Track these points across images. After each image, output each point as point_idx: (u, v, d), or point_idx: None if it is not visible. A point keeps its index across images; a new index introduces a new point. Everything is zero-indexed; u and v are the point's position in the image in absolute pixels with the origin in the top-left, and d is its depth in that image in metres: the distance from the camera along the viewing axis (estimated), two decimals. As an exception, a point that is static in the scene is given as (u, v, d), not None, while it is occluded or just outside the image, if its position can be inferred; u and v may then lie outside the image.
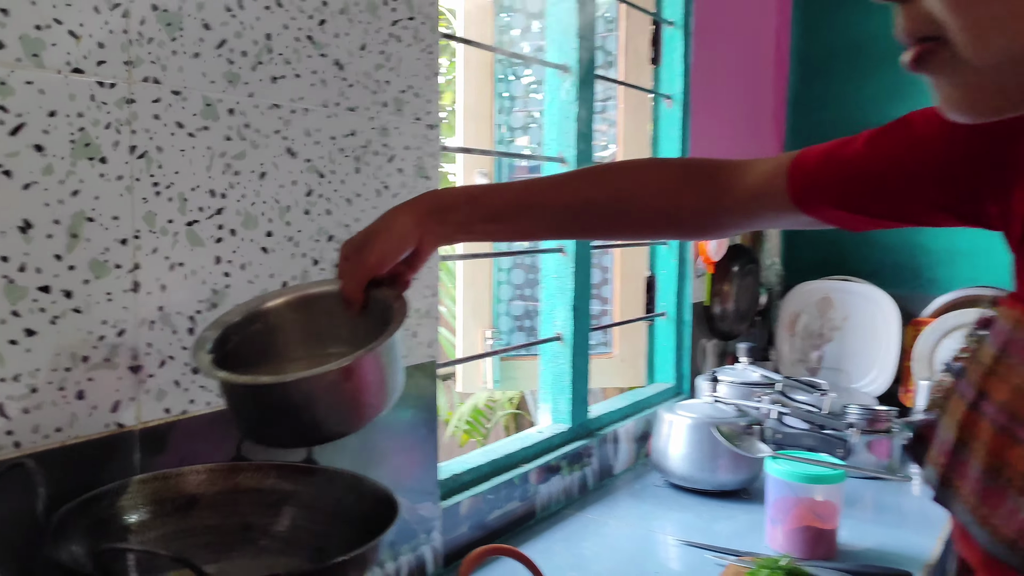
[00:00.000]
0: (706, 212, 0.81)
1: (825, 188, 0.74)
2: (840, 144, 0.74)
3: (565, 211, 0.83)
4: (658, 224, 0.85)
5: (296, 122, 0.97)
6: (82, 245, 0.77)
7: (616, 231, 0.89)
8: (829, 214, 0.75)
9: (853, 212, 0.74)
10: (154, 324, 0.84)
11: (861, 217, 0.74)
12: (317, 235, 1.00)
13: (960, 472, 0.53)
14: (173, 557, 0.58)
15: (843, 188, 0.73)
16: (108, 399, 0.80)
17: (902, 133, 0.70)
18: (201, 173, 0.87)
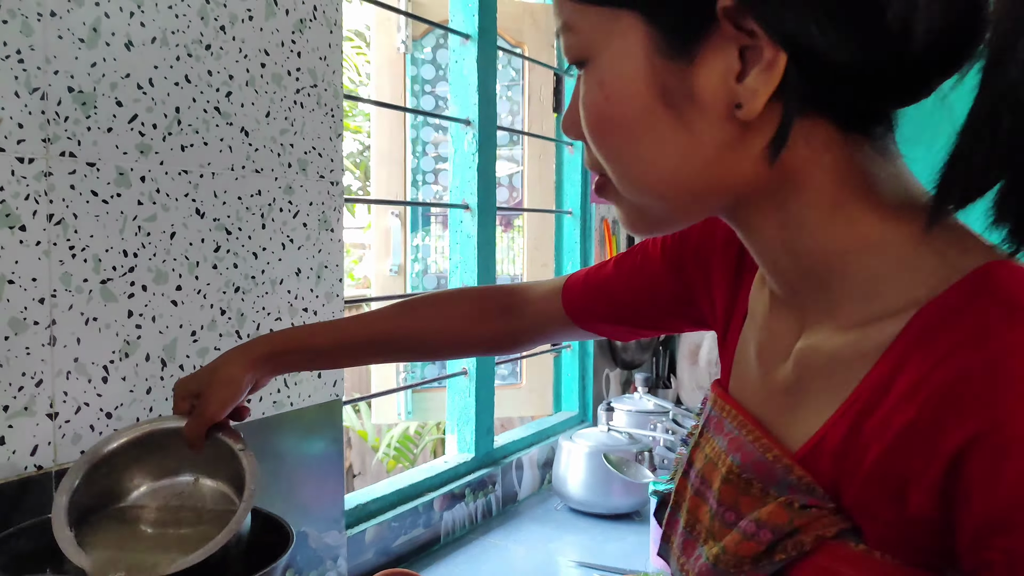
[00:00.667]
0: (502, 336, 0.92)
1: (591, 308, 0.85)
2: (597, 268, 0.86)
3: (381, 345, 0.92)
4: (460, 349, 0.96)
5: (204, 185, 1.06)
6: (2, 305, 0.85)
7: (427, 356, 1.03)
8: (600, 328, 0.86)
9: (617, 325, 0.85)
10: (70, 374, 0.92)
11: (624, 328, 0.85)
12: (224, 287, 1.09)
13: (673, 529, 0.65)
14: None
15: (603, 308, 0.84)
16: (27, 444, 0.88)
17: (638, 256, 0.82)
18: (115, 236, 0.96)
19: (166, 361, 1.02)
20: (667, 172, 0.52)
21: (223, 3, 1.07)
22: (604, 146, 0.54)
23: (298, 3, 1.19)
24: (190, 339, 1.05)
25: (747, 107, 0.48)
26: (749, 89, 0.48)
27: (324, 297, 1.26)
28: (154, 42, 0.99)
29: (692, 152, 0.51)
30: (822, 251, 0.52)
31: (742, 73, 0.48)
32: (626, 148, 0.52)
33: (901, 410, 0.45)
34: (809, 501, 0.51)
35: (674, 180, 0.52)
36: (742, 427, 0.58)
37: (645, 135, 0.51)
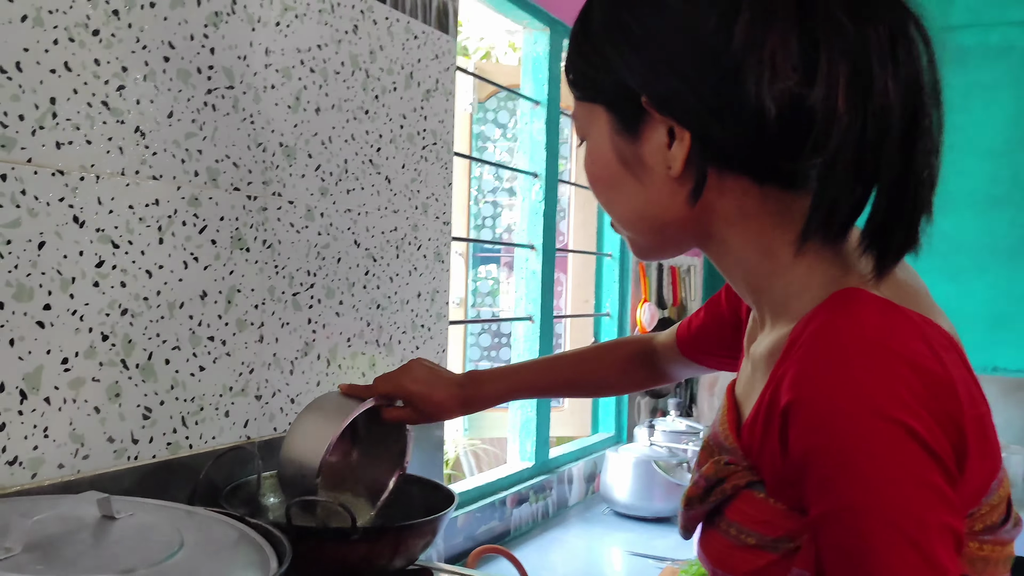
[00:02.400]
0: (646, 380, 1.18)
1: (696, 346, 1.07)
2: (695, 314, 1.07)
3: (559, 389, 1.22)
4: (619, 390, 1.28)
5: (360, 222, 1.32)
6: (232, 309, 1.10)
7: (595, 395, 1.39)
8: (707, 360, 1.07)
9: (715, 356, 1.05)
10: (270, 366, 1.16)
11: (721, 357, 1.04)
12: (370, 304, 1.35)
13: None
14: (341, 504, 0.91)
15: (703, 344, 1.06)
16: (242, 418, 1.12)
17: (715, 300, 1.03)
18: (303, 259, 1.21)
19: (330, 360, 1.28)
20: (635, 214, 0.73)
21: (378, 77, 1.35)
22: (599, 196, 0.76)
23: (426, 77, 1.46)
24: (346, 344, 1.31)
25: (673, 168, 0.67)
26: (673, 156, 0.67)
27: (435, 317, 1.51)
28: (332, 108, 1.26)
29: (647, 200, 0.71)
30: (754, 273, 0.70)
31: (669, 145, 0.67)
32: (609, 198, 0.74)
33: (772, 391, 0.62)
34: (730, 460, 0.68)
35: (641, 220, 0.73)
36: (723, 414, 0.74)
37: (617, 189, 0.72)
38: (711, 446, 0.73)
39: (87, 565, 0.68)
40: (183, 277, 1.04)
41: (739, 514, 0.67)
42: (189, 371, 1.05)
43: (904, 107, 0.60)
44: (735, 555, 0.67)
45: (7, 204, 0.86)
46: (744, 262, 0.71)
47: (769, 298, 0.70)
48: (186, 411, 1.05)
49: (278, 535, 0.80)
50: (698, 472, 0.72)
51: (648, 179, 0.70)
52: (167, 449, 1.02)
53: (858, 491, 0.56)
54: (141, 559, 0.70)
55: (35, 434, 0.88)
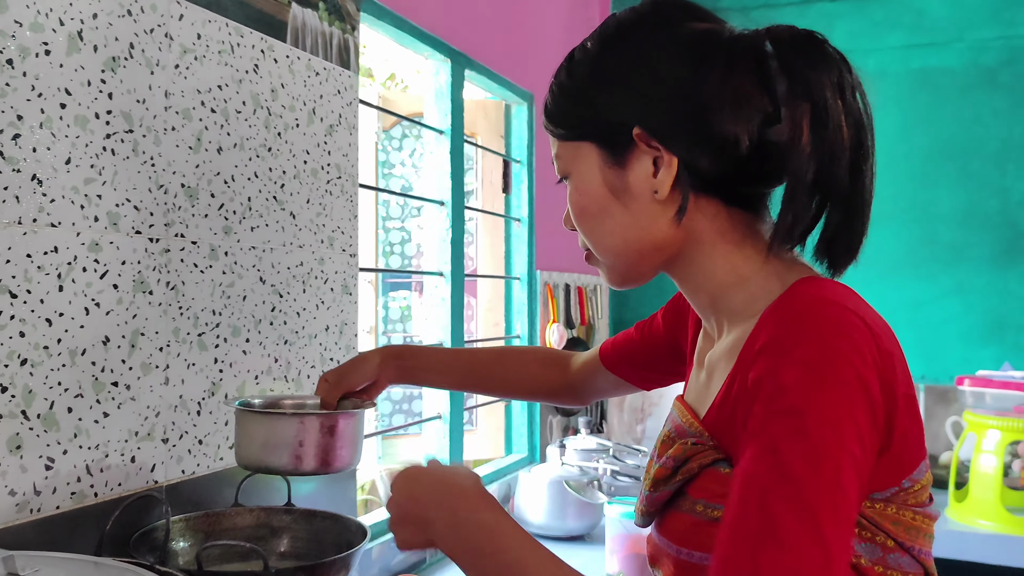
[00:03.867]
0: (560, 384, 1.22)
1: (620, 358, 1.14)
2: (624, 332, 1.15)
3: (482, 378, 1.24)
4: (530, 392, 1.28)
5: (265, 259, 1.33)
6: (136, 353, 1.09)
7: (509, 394, 1.30)
8: (628, 373, 1.14)
9: (640, 371, 1.13)
10: (176, 408, 1.16)
11: (644, 374, 1.14)
12: (277, 340, 1.35)
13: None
14: (252, 548, 0.92)
15: (629, 358, 1.13)
16: (148, 462, 1.11)
17: (650, 321, 1.11)
18: (207, 298, 1.21)
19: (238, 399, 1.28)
20: (622, 240, 0.81)
21: (280, 114, 1.36)
22: (584, 228, 0.84)
23: (328, 112, 1.48)
24: (254, 381, 1.31)
25: (660, 192, 0.78)
26: (660, 181, 0.77)
27: (344, 349, 1.53)
28: (235, 147, 1.27)
29: (633, 224, 0.80)
30: (716, 286, 0.81)
31: (655, 172, 0.77)
32: (597, 227, 0.83)
33: (741, 372, 0.71)
34: (697, 441, 0.77)
35: (626, 244, 0.81)
36: (680, 411, 0.84)
37: (606, 218, 0.82)
38: (672, 437, 0.81)
39: (-9, 627, 0.68)
40: (84, 324, 1.03)
41: (704, 491, 0.74)
42: (93, 418, 1.04)
43: (852, 138, 0.73)
44: (702, 530, 0.73)
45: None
46: (713, 278, 0.80)
47: (728, 308, 0.80)
48: (91, 459, 1.03)
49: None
50: (660, 459, 0.80)
51: (635, 205, 0.79)
52: (71, 499, 1.01)
53: (802, 399, 0.63)
54: (48, 617, 0.69)
55: (-69, 492, 0.86)
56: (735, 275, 0.79)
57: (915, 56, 2.84)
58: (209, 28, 1.22)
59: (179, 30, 1.17)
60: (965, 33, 2.81)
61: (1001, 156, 2.78)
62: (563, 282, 2.61)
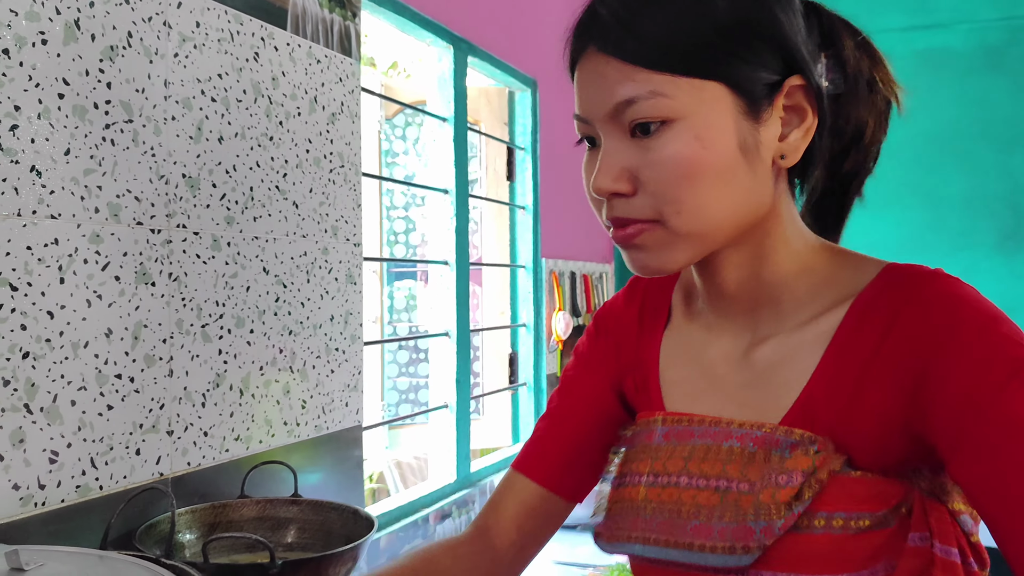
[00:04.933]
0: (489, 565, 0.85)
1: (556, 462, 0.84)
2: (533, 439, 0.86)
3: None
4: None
5: (269, 249, 1.32)
6: (140, 345, 1.08)
7: None
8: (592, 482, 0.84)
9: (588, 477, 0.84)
10: (181, 400, 1.15)
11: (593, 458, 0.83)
12: (282, 330, 1.35)
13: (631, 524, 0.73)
14: (257, 539, 0.91)
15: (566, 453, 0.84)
16: (153, 455, 1.10)
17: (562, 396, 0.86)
18: (210, 289, 1.20)
19: (243, 390, 1.27)
20: (732, 206, 0.67)
21: (281, 103, 1.35)
22: (688, 189, 0.65)
23: (330, 100, 1.47)
24: (259, 372, 1.30)
25: (789, 157, 0.69)
26: (792, 145, 0.68)
27: (350, 339, 1.52)
28: (236, 136, 1.26)
29: (751, 190, 0.67)
30: (780, 274, 0.72)
31: (783, 136, 0.68)
32: (709, 190, 0.66)
33: (878, 356, 0.64)
34: (818, 447, 0.65)
35: (733, 213, 0.68)
36: (717, 424, 0.70)
37: (729, 176, 0.66)
38: (751, 453, 0.67)
39: (-4, 622, 0.67)
40: (87, 316, 1.02)
41: (839, 502, 0.63)
42: (97, 411, 1.03)
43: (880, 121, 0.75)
44: (847, 547, 0.63)
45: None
46: (781, 262, 0.72)
47: (790, 297, 0.72)
48: (95, 452, 1.03)
49: (193, 574, 0.79)
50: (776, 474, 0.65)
51: (758, 167, 0.68)
52: (76, 492, 1.00)
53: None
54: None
55: (-66, 487, 0.86)
56: (799, 264, 0.72)
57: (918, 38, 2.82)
58: (208, 16, 1.21)
59: (177, 18, 1.15)
60: (969, 14, 2.79)
61: (1007, 139, 2.76)
62: (568, 270, 2.60)
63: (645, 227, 0.68)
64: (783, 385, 0.69)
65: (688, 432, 0.72)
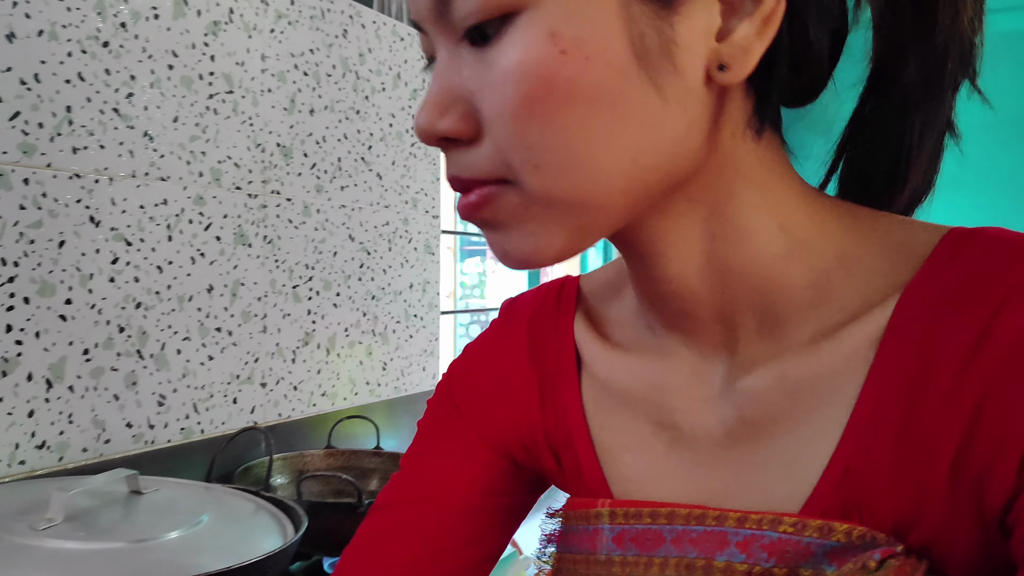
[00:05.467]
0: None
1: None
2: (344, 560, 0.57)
3: None
4: None
5: (354, 217, 1.39)
6: (238, 302, 1.16)
7: None
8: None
9: None
10: (274, 355, 1.23)
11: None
12: (365, 295, 1.42)
13: None
14: (348, 480, 0.98)
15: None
16: (248, 405, 1.18)
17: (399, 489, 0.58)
18: (305, 251, 1.28)
19: (329, 349, 1.34)
20: (628, 154, 0.39)
21: (367, 78, 1.41)
22: (545, 121, 0.38)
23: (412, 76, 1.53)
24: (344, 333, 1.37)
25: (735, 67, 0.39)
26: (738, 46, 0.39)
27: (427, 307, 1.58)
28: (325, 109, 1.33)
29: (662, 125, 0.39)
30: (762, 260, 0.43)
31: (723, 31, 0.39)
32: (582, 122, 0.38)
33: (962, 391, 0.37)
34: (883, 553, 0.38)
35: (633, 162, 0.39)
36: (701, 520, 0.44)
37: (611, 102, 0.38)
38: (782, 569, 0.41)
39: (122, 533, 0.75)
40: (191, 272, 1.10)
41: None
42: (199, 360, 1.11)
43: None
44: None
45: (30, 206, 0.92)
46: (743, 244, 0.43)
47: (784, 294, 0.43)
48: (197, 398, 1.11)
49: (292, 505, 0.86)
50: None
51: (674, 86, 0.39)
52: (180, 433, 1.09)
53: None
54: (170, 527, 0.76)
55: (60, 420, 0.95)
56: (792, 239, 0.43)
57: (1003, 20, 2.76)
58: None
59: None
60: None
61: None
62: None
63: (493, 191, 0.40)
64: (797, 437, 0.43)
65: (654, 536, 0.46)
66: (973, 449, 0.37)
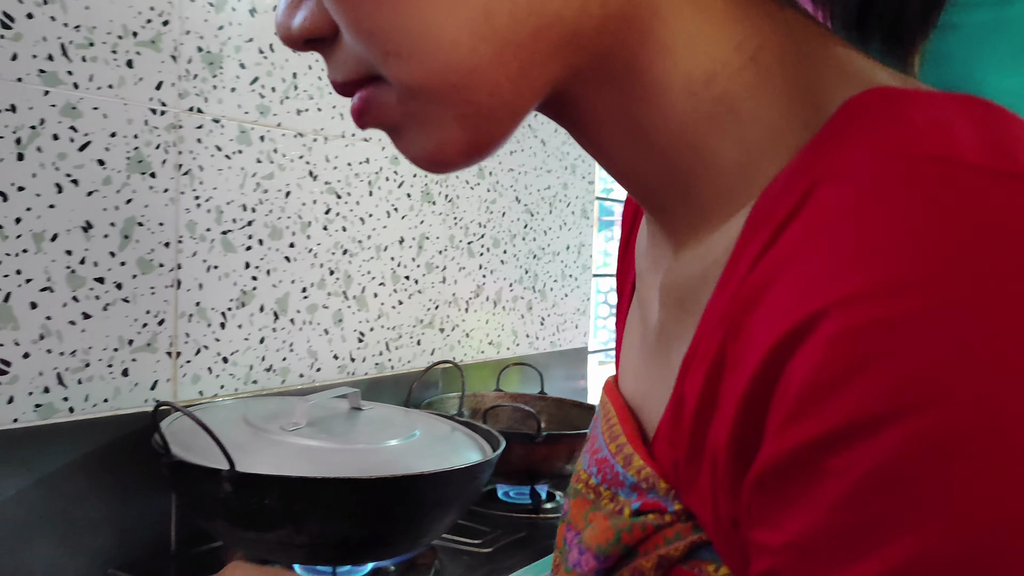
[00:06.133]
0: None
1: None
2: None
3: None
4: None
5: (520, 180, 1.49)
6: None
7: None
8: None
9: None
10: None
11: None
12: (528, 254, 1.52)
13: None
14: (529, 411, 1.09)
15: None
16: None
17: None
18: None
19: (496, 302, 1.46)
20: (475, 12, 0.31)
21: (535, 51, 1.51)
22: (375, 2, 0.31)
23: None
24: (508, 288, 1.48)
25: None
26: None
27: (581, 268, 1.68)
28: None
29: None
30: (681, 128, 0.34)
31: None
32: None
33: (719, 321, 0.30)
34: (645, 504, 0.35)
35: (489, 26, 0.31)
36: (606, 418, 0.42)
37: None
38: (597, 489, 0.40)
39: (352, 437, 0.88)
40: (387, 224, 1.23)
41: None
42: (391, 304, 1.24)
43: None
44: None
45: (264, 160, 1.05)
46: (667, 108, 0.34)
47: (706, 172, 0.34)
48: (389, 338, 1.24)
49: (486, 428, 0.98)
50: (576, 546, 0.39)
51: None
52: (375, 368, 1.22)
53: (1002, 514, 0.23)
54: (390, 436, 0.88)
55: (283, 348, 1.09)
56: (723, 98, 0.33)
57: None
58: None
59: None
60: None
61: None
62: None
63: (369, 92, 0.35)
64: (670, 360, 0.37)
65: (593, 426, 0.45)
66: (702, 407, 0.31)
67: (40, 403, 0.84)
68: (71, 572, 0.86)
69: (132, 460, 0.90)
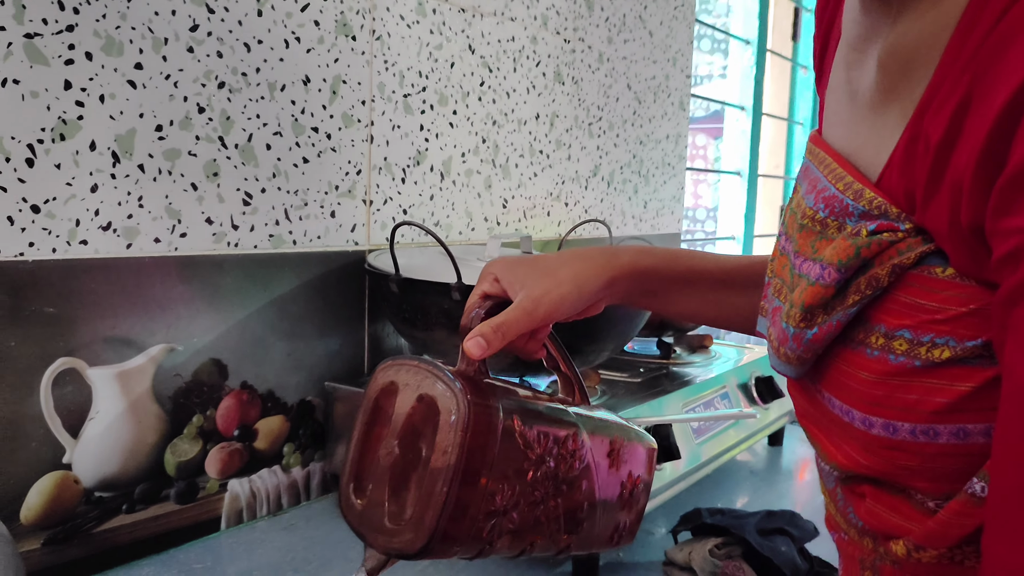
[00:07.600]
0: None
1: None
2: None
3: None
4: None
5: (632, 69, 1.58)
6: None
7: None
8: None
9: None
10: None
11: None
12: (635, 140, 1.62)
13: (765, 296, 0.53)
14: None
15: None
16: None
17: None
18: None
19: (609, 183, 1.56)
20: None
21: (647, -56, 1.59)
22: None
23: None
24: (619, 171, 1.59)
25: None
26: None
27: (677, 158, 1.78)
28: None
29: None
30: None
31: None
32: None
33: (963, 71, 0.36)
34: (879, 225, 0.40)
35: None
36: (822, 164, 0.47)
37: None
38: (823, 220, 0.45)
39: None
40: (527, 100, 1.33)
41: (906, 314, 0.39)
42: (529, 176, 1.35)
43: None
44: (912, 384, 0.39)
45: (435, 32, 1.16)
46: None
47: None
48: (526, 207, 1.36)
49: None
50: (803, 266, 0.45)
51: None
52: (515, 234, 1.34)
53: None
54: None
55: (447, 207, 1.21)
56: None
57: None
58: None
59: None
60: None
61: None
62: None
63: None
64: (896, 110, 0.42)
65: (807, 171, 0.50)
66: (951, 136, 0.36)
67: (272, 234, 0.96)
68: (294, 383, 0.99)
69: (338, 292, 1.03)
